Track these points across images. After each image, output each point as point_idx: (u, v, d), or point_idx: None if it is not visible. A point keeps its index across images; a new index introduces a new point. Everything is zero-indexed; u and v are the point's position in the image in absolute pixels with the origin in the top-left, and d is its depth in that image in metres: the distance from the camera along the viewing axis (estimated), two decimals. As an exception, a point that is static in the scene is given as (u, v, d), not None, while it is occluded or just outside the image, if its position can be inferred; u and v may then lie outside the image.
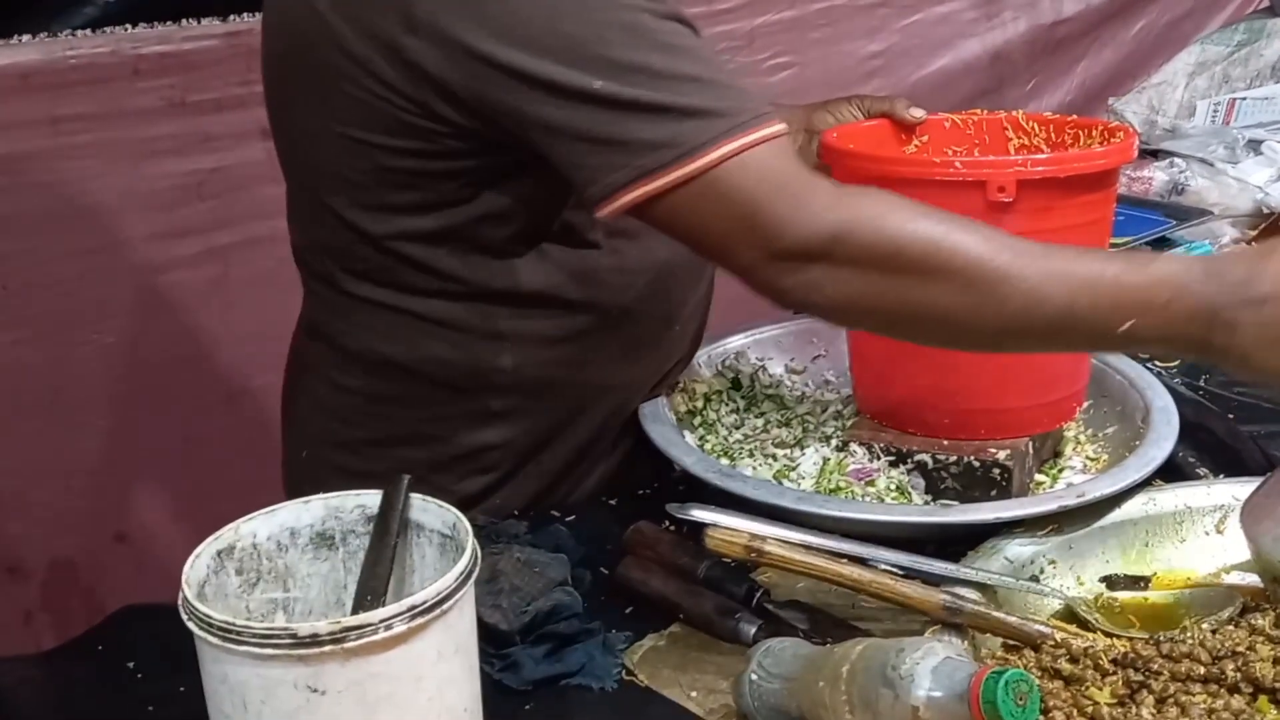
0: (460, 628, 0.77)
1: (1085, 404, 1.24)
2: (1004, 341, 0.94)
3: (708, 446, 1.20)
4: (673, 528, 1.05)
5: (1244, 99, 2.01)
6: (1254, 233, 1.68)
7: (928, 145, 1.28)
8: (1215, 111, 2.01)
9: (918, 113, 1.26)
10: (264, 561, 0.83)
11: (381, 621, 0.72)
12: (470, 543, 0.77)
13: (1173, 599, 0.98)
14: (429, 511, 0.82)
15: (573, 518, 1.10)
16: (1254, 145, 1.81)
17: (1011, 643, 0.91)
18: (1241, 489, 1.00)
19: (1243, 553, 0.96)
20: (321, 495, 0.83)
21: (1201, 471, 1.15)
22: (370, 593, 0.79)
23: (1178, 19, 2.55)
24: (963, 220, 0.92)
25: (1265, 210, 1.69)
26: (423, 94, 0.97)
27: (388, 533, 0.81)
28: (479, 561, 0.77)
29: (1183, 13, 2.57)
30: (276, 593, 0.83)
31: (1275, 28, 2.19)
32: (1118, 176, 1.15)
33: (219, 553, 0.80)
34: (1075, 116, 1.25)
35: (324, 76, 1.02)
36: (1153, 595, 1.00)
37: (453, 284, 1.09)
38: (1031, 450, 1.15)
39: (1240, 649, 0.83)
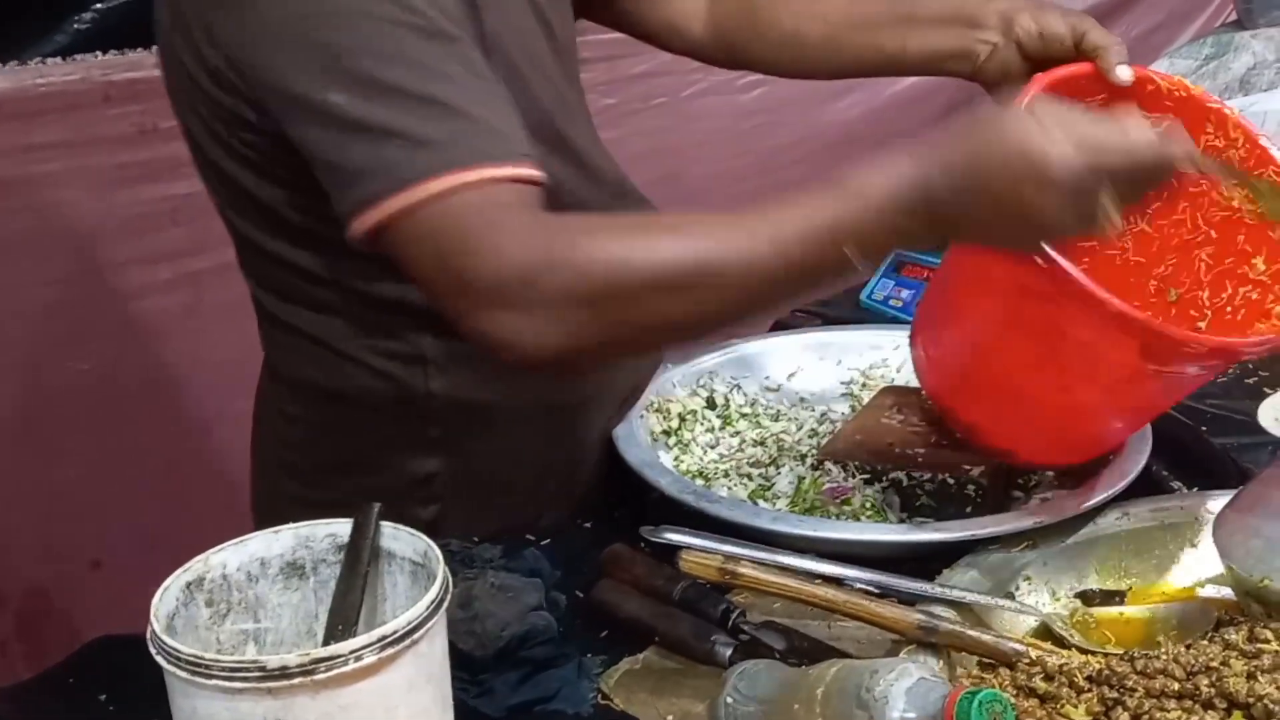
0: (432, 657, 0.77)
1: None
2: (732, 322, 0.94)
3: (683, 467, 1.20)
4: (648, 550, 1.05)
5: (1214, 112, 2.03)
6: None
7: (1112, 103, 1.06)
8: (1186, 124, 2.02)
9: (1125, 73, 1.05)
10: (234, 592, 0.82)
11: (351, 653, 0.72)
12: (441, 570, 0.77)
13: (1148, 614, 0.99)
14: (400, 539, 0.82)
15: (548, 541, 1.10)
16: (1224, 157, 1.82)
17: (987, 661, 0.91)
18: (1215, 502, 1.01)
19: (1217, 566, 0.97)
20: (291, 525, 0.83)
21: (1175, 485, 1.15)
22: (342, 622, 0.79)
23: (1148, 32, 2.57)
24: (659, 223, 0.91)
25: (1236, 222, 1.70)
26: (234, 100, 0.96)
27: (359, 562, 0.80)
28: (450, 589, 0.77)
29: (1153, 26, 2.60)
30: (247, 624, 0.83)
31: (1243, 41, 2.20)
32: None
33: (188, 584, 0.80)
34: (1270, 150, 1.06)
35: (181, 99, 1.02)
36: (1128, 610, 1.00)
37: (369, 305, 1.06)
38: (1005, 467, 1.15)
39: (1214, 664, 0.83)
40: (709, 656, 0.94)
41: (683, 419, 1.26)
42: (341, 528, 0.83)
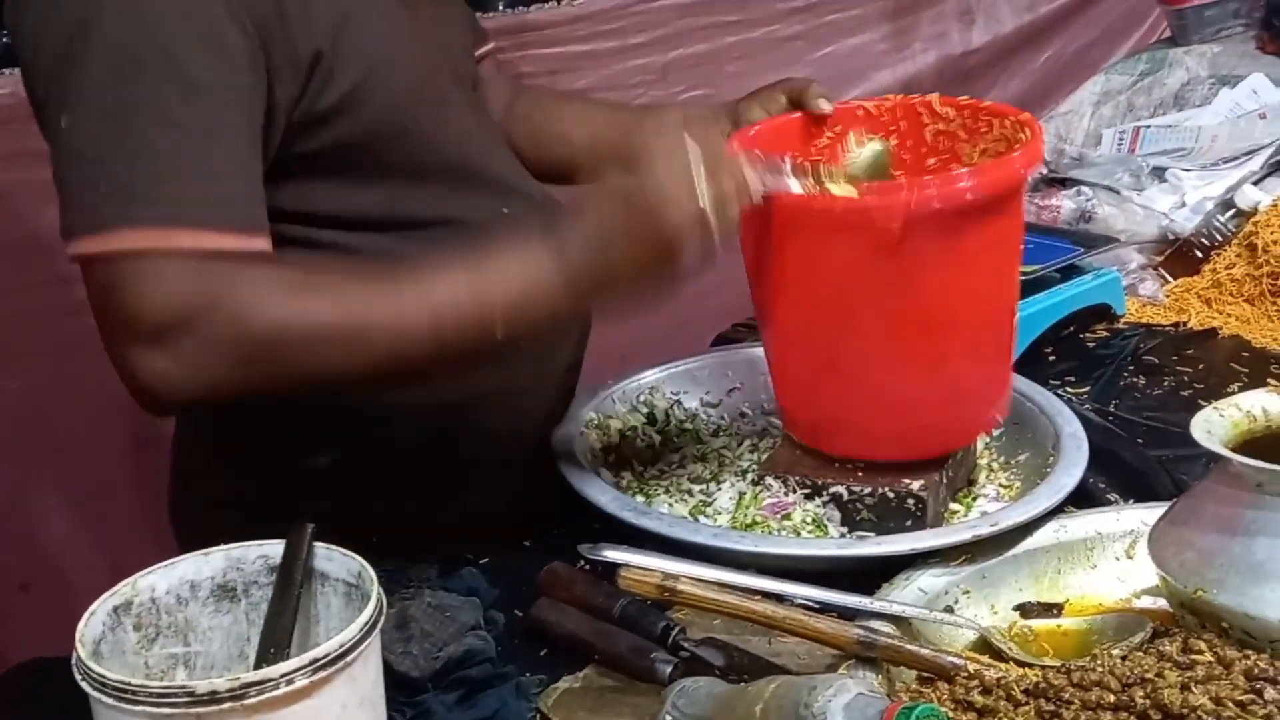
0: (365, 679, 0.75)
1: (998, 430, 1.25)
2: (391, 376, 0.98)
3: (623, 483, 1.19)
4: (588, 567, 1.04)
5: (1148, 127, 2.06)
6: (1160, 258, 1.72)
7: (842, 135, 1.21)
8: (1121, 140, 2.05)
9: (824, 105, 1.21)
10: (163, 616, 0.81)
11: (282, 676, 0.70)
12: (375, 591, 0.76)
13: (1085, 625, 0.99)
14: (333, 560, 0.81)
15: (486, 560, 1.09)
16: (1158, 173, 1.85)
17: (926, 675, 0.91)
18: (1150, 514, 1.02)
19: (1153, 578, 0.98)
20: (222, 546, 0.81)
21: (1112, 497, 1.17)
22: (274, 645, 0.77)
23: (1084, 48, 2.61)
24: (318, 282, 0.95)
25: (1170, 236, 1.73)
26: None
27: (291, 583, 0.79)
28: (385, 610, 0.76)
29: (1089, 42, 2.64)
30: (176, 648, 0.81)
31: (1176, 57, 2.25)
32: (1022, 187, 1.11)
33: (115, 609, 0.78)
34: (981, 103, 1.20)
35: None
36: (1065, 622, 1.00)
37: None
38: (945, 480, 1.15)
39: (1149, 676, 0.84)
40: (648, 674, 0.94)
41: (623, 435, 1.25)
42: (273, 549, 0.81)
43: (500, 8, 1.92)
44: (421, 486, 1.17)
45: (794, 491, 1.15)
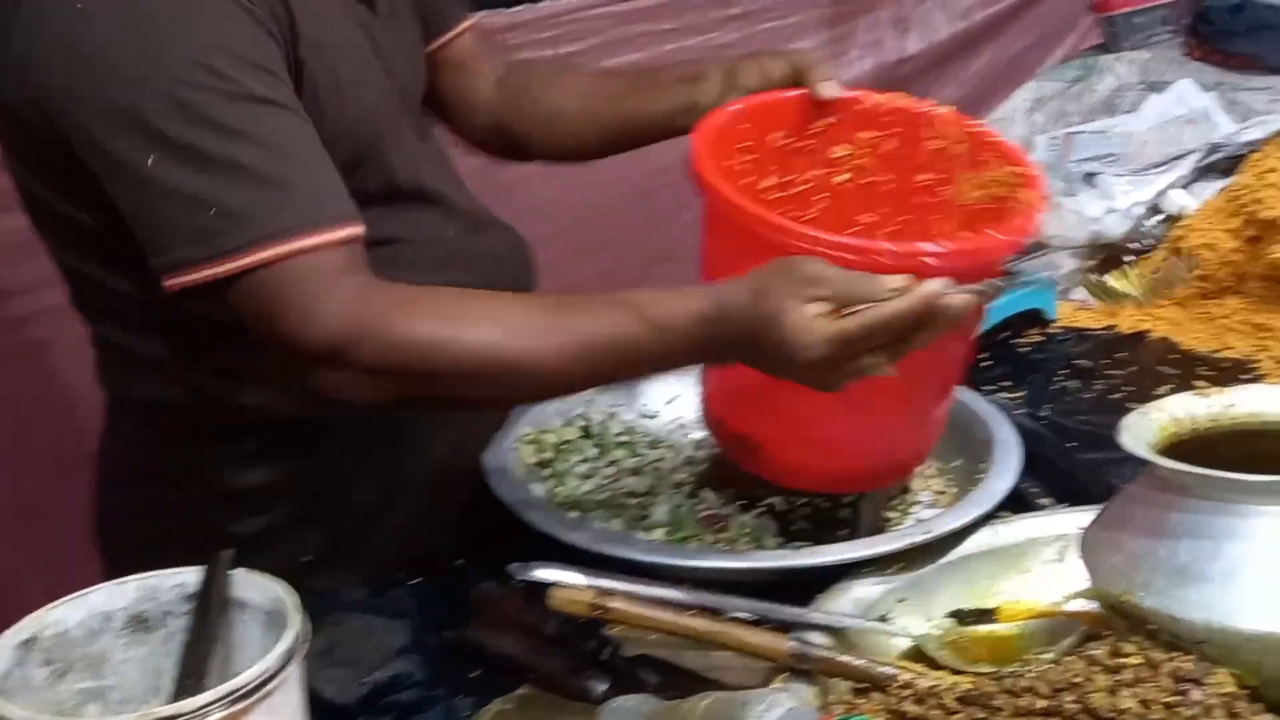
0: (287, 709, 0.74)
1: None
2: (537, 403, 1.05)
3: (558, 499, 1.18)
4: (522, 585, 1.02)
5: (1080, 133, 2.09)
6: (1092, 262, 1.74)
7: (837, 126, 1.14)
8: (1054, 145, 2.08)
9: (828, 90, 1.13)
10: (74, 649, 0.78)
11: (198, 709, 0.69)
12: (295, 618, 0.74)
13: (1018, 630, 1.00)
14: (253, 587, 0.79)
15: (418, 580, 1.07)
16: (1089, 178, 1.88)
17: (860, 686, 0.91)
18: (1082, 518, 1.02)
19: (1085, 581, 0.98)
20: (136, 576, 0.79)
21: (1044, 502, 1.17)
22: (191, 677, 0.75)
23: (1018, 55, 2.65)
24: (479, 308, 0.96)
25: (1101, 241, 1.75)
26: (47, 146, 0.97)
27: (209, 612, 0.77)
28: (306, 637, 0.74)
29: (1023, 48, 2.67)
30: (88, 682, 0.79)
31: (1107, 64, 2.29)
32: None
33: (22, 644, 0.76)
34: (991, 135, 1.13)
35: None
36: (999, 628, 1.01)
37: (176, 322, 1.07)
38: (881, 489, 1.16)
39: (1078, 680, 0.84)
40: (582, 693, 0.93)
41: (558, 449, 1.24)
42: (190, 577, 0.79)
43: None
44: (354, 505, 1.15)
45: (730, 504, 1.14)
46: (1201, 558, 0.85)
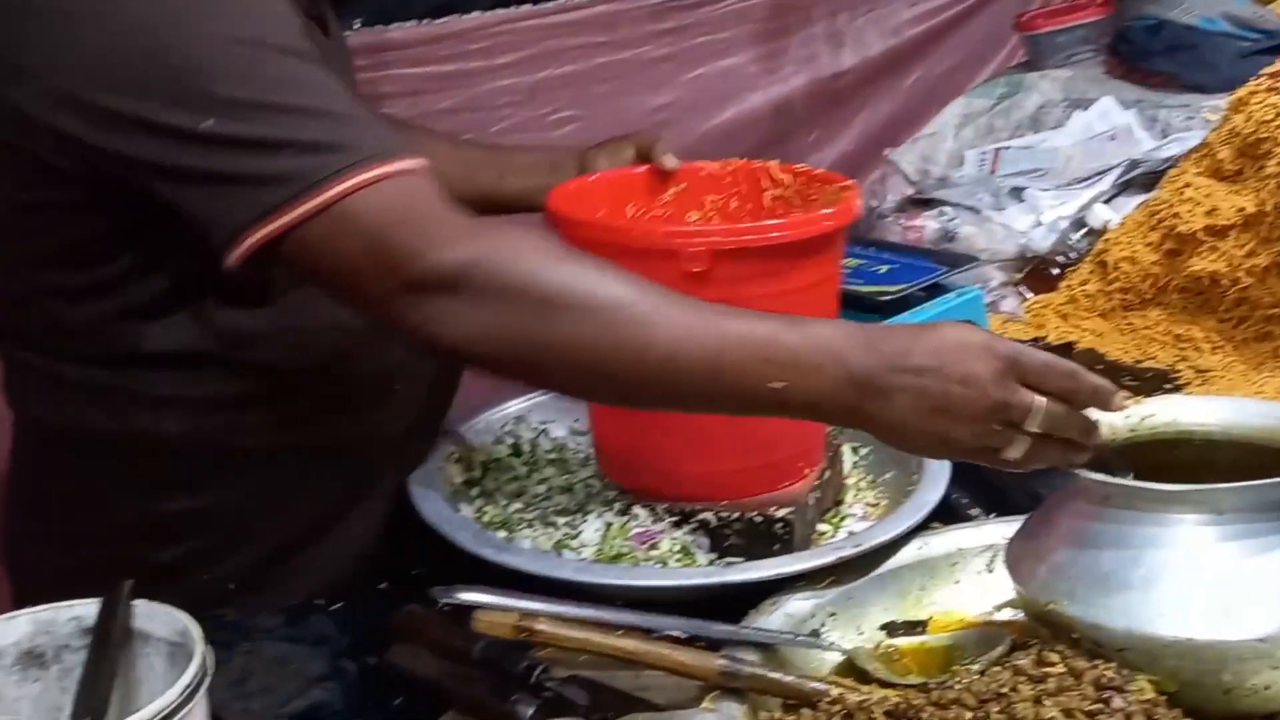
0: (195, 744, 0.71)
1: (866, 448, 1.26)
2: (645, 391, 0.90)
3: (486, 519, 1.16)
4: (447, 608, 1.01)
5: (1008, 148, 2.11)
6: (1019, 276, 1.76)
7: (685, 193, 1.26)
8: (982, 161, 2.10)
9: (670, 162, 1.25)
10: (-35, 687, 0.75)
11: (100, 746, 0.66)
12: (199, 649, 0.72)
13: (949, 640, 1.00)
14: (155, 618, 0.76)
15: (338, 605, 1.05)
16: (1017, 192, 1.90)
17: (791, 702, 0.90)
18: (1009, 528, 1.02)
19: (1012, 591, 0.98)
20: (28, 610, 0.76)
21: (974, 512, 1.18)
22: (89, 714, 0.72)
23: (948, 72, 2.68)
24: (611, 265, 0.90)
25: (1028, 254, 1.77)
26: (33, 144, 0.94)
27: (107, 645, 0.74)
28: (210, 669, 0.72)
29: (953, 65, 2.70)
30: (-22, 721, 0.75)
31: (1032, 81, 2.31)
32: (837, 241, 1.13)
33: (-91, 682, 0.72)
34: (821, 170, 1.27)
35: None
36: (929, 639, 1.01)
37: (99, 346, 1.04)
38: (813, 501, 1.15)
39: (1004, 691, 0.84)
40: (509, 717, 0.91)
41: (486, 468, 1.23)
42: (87, 609, 0.76)
43: (357, 25, 1.83)
44: (272, 529, 1.13)
45: (662, 520, 1.13)
46: (1122, 566, 0.86)
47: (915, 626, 1.03)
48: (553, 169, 1.30)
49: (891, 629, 1.03)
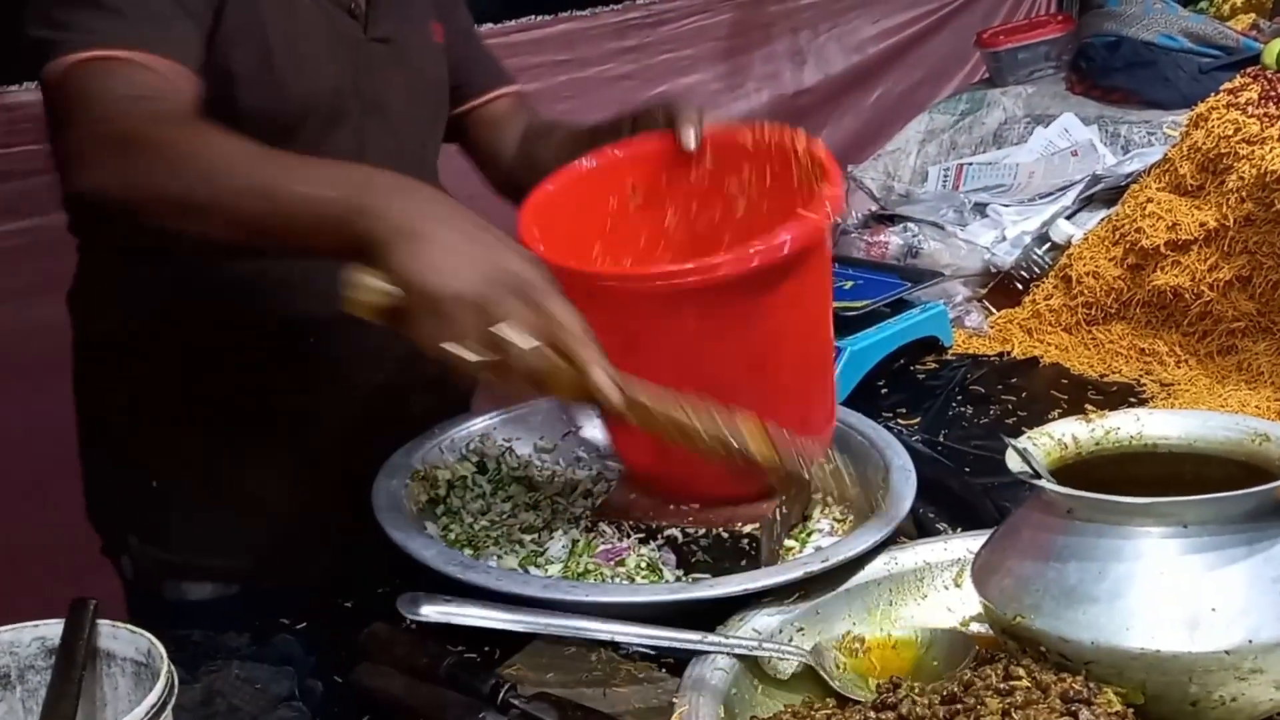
0: (157, 765, 0.70)
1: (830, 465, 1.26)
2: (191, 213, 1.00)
3: (451, 537, 1.15)
4: (413, 626, 1.00)
5: (970, 164, 2.14)
6: (984, 291, 1.77)
7: (717, 165, 1.20)
8: (945, 177, 2.12)
9: (689, 140, 1.20)
10: (-74, 710, 0.73)
11: (60, 769, 0.64)
12: (164, 669, 0.70)
13: (915, 639, 0.99)
14: (120, 638, 0.75)
15: (304, 625, 1.04)
16: (980, 208, 1.92)
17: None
18: (976, 542, 1.03)
19: (979, 605, 0.99)
20: (-11, 632, 0.74)
21: (941, 527, 1.18)
22: (52, 735, 0.71)
23: (911, 88, 2.72)
24: (217, 131, 1.00)
25: (992, 269, 1.78)
26: None
27: (72, 666, 0.73)
28: (175, 688, 0.71)
29: (917, 81, 2.74)
30: (-60, 745, 0.74)
31: (994, 98, 2.34)
32: (811, 253, 1.08)
33: None
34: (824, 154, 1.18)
35: None
36: (897, 634, 1.00)
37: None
38: (779, 517, 1.15)
39: (970, 704, 0.84)
40: (476, 735, 0.90)
41: (451, 486, 1.22)
42: (51, 630, 0.75)
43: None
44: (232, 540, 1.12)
45: (628, 536, 1.13)
46: (1088, 579, 0.86)
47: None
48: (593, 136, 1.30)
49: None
